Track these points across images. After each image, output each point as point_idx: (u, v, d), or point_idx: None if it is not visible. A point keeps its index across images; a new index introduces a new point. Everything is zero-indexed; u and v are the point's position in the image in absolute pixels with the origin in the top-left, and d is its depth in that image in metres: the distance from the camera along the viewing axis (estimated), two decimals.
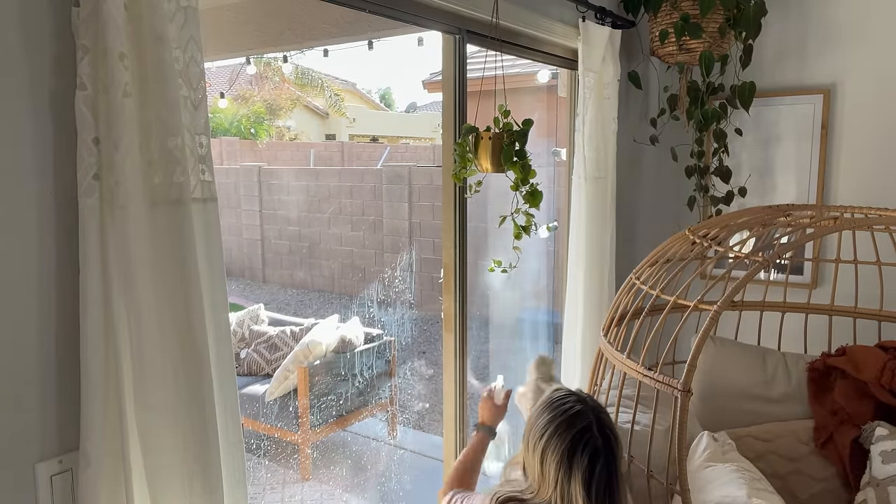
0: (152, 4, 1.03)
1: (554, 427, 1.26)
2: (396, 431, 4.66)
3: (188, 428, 1.11)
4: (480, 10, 1.87)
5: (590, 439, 1.24)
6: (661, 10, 2.46)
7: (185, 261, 1.09)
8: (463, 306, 2.06)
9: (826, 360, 2.02)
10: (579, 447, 1.23)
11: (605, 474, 1.23)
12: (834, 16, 2.56)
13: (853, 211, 1.87)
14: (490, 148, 1.71)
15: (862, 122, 2.55)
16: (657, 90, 2.83)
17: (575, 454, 1.22)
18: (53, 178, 1.05)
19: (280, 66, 11.34)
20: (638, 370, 1.53)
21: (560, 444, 1.24)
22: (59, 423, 1.09)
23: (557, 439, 1.25)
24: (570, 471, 1.22)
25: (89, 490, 1.06)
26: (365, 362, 4.41)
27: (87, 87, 1.02)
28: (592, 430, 1.25)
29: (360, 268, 8.56)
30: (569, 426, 1.25)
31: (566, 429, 1.25)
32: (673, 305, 1.55)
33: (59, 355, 1.08)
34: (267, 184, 9.38)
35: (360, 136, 15.46)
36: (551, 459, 1.24)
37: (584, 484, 1.21)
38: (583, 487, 1.21)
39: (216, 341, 1.17)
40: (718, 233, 1.76)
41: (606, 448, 1.24)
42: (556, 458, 1.23)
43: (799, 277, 2.62)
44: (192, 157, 1.11)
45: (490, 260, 1.94)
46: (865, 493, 1.74)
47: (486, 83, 1.90)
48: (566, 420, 1.26)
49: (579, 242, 2.37)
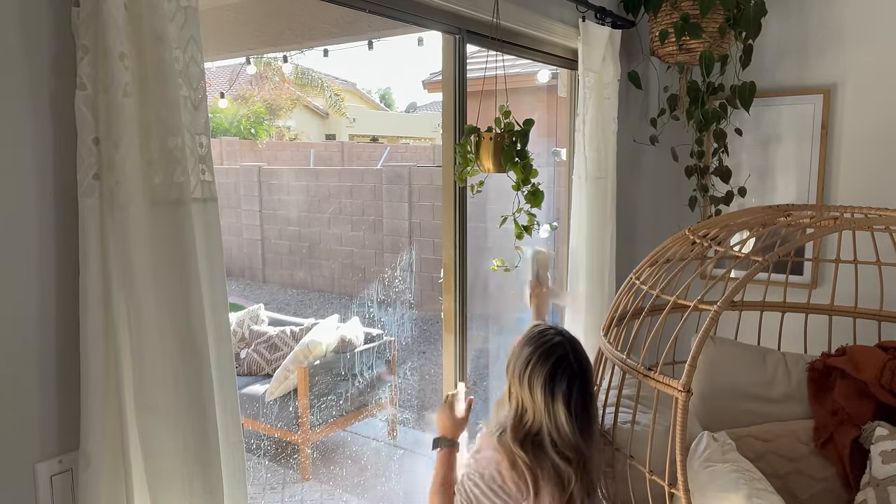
0: (152, 4, 1.03)
1: (536, 357, 1.48)
2: (396, 431, 4.66)
3: (188, 428, 1.11)
4: (480, 10, 1.87)
5: (567, 365, 1.47)
6: (661, 10, 2.46)
7: (185, 261, 1.09)
8: (463, 306, 2.06)
9: (826, 360, 2.02)
10: (558, 373, 1.46)
11: (580, 395, 1.47)
12: (834, 16, 2.56)
13: (853, 211, 1.87)
14: (491, 148, 1.71)
15: (862, 122, 2.55)
16: (657, 90, 2.83)
17: (556, 379, 1.46)
18: (53, 178, 1.04)
19: (280, 66, 11.35)
20: (638, 370, 1.53)
21: (543, 371, 1.47)
22: (59, 423, 1.09)
23: (540, 367, 1.47)
24: (553, 393, 1.45)
25: (89, 490, 1.06)
26: (365, 362, 4.41)
27: (87, 87, 1.02)
28: (569, 358, 1.48)
29: (360, 268, 8.56)
30: (549, 355, 1.48)
31: (546, 358, 1.48)
32: (673, 305, 1.55)
33: (60, 355, 1.08)
34: (267, 184, 9.38)
35: (360, 136, 15.47)
36: (537, 385, 1.46)
37: (566, 403, 1.45)
38: (564, 406, 1.45)
39: (216, 341, 1.17)
40: (718, 233, 1.76)
41: (581, 372, 1.49)
42: (540, 384, 1.46)
43: (799, 277, 2.62)
44: (192, 157, 1.11)
45: (490, 260, 1.94)
46: (865, 493, 1.74)
47: (487, 83, 1.90)
48: (546, 350, 1.49)
49: (579, 242, 2.37)
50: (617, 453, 1.66)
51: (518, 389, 1.50)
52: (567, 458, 1.45)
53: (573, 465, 1.45)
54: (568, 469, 1.44)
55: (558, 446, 1.45)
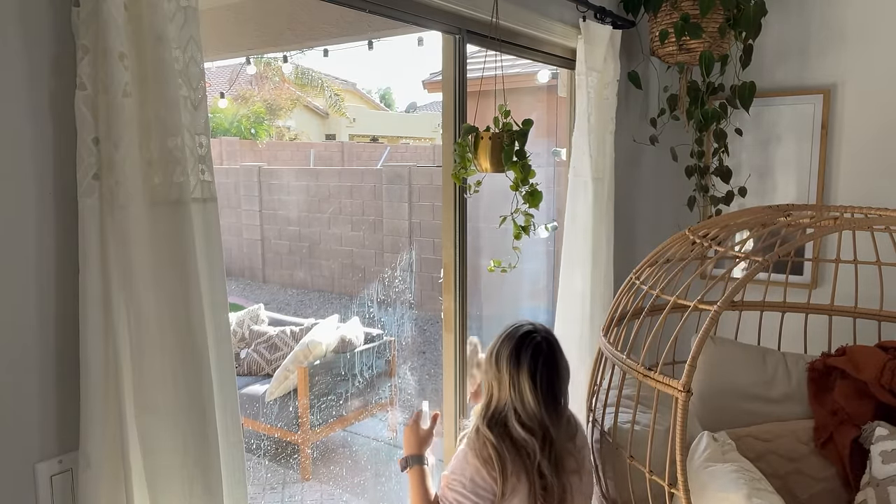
0: (152, 4, 1.03)
1: (506, 337, 1.57)
2: (396, 431, 4.65)
3: (188, 428, 1.11)
4: (480, 10, 1.87)
5: (533, 339, 1.54)
6: (661, 10, 2.46)
7: (185, 261, 1.09)
8: (463, 306, 2.06)
9: (826, 360, 2.02)
10: (524, 344, 1.53)
11: (546, 369, 1.52)
12: (834, 15, 2.56)
13: (853, 211, 1.87)
14: (490, 148, 1.71)
15: (862, 122, 2.55)
16: (657, 90, 2.83)
17: (521, 350, 1.52)
18: (53, 178, 1.04)
19: (280, 66, 11.35)
20: (638, 370, 1.53)
21: (509, 345, 1.54)
22: (58, 423, 1.09)
23: (508, 342, 1.55)
24: (519, 364, 1.51)
25: (89, 490, 1.06)
26: (365, 362, 4.41)
27: (86, 87, 1.02)
28: (536, 335, 1.55)
29: (360, 268, 8.56)
30: (518, 333, 1.56)
31: (515, 335, 1.56)
32: (673, 305, 1.55)
33: (59, 355, 1.08)
34: (267, 184, 9.38)
35: (360, 136, 15.47)
36: (503, 358, 1.53)
37: (530, 374, 1.50)
38: (529, 377, 1.50)
39: (216, 341, 1.17)
40: (718, 233, 1.76)
41: (548, 349, 1.55)
42: (506, 356, 1.53)
43: (799, 277, 2.62)
44: (191, 157, 1.11)
45: (490, 260, 1.94)
46: (865, 493, 1.74)
47: (486, 83, 1.90)
48: (515, 330, 1.57)
49: (578, 242, 2.37)
50: (617, 453, 1.66)
51: (488, 374, 1.57)
52: (530, 429, 1.49)
53: (537, 437, 1.49)
54: (532, 440, 1.48)
55: (521, 418, 1.50)
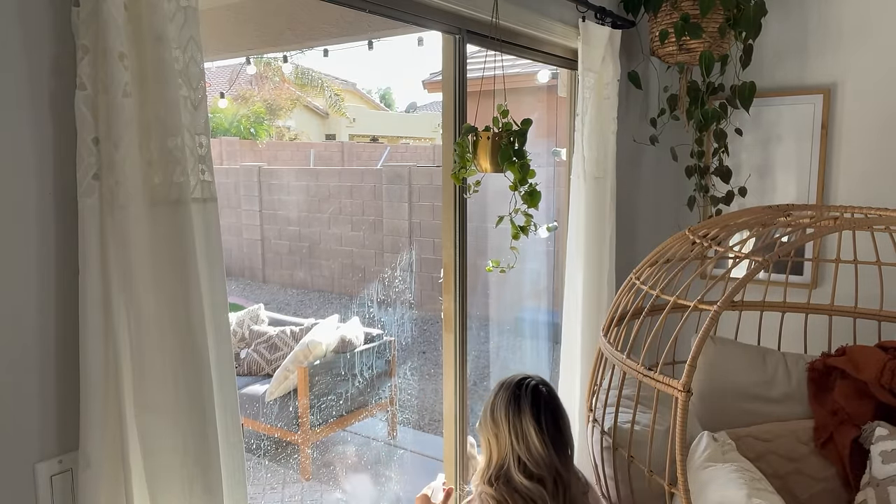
0: (152, 4, 1.03)
1: (501, 389, 1.52)
2: (396, 431, 4.66)
3: (188, 428, 1.11)
4: (480, 10, 1.87)
5: (529, 384, 1.50)
6: (661, 10, 2.46)
7: (184, 261, 1.09)
8: (463, 306, 2.06)
9: (826, 360, 2.02)
10: (522, 390, 1.48)
11: (549, 412, 1.46)
12: (834, 15, 2.56)
13: (853, 211, 1.87)
14: (489, 148, 1.71)
15: (862, 122, 2.55)
16: (657, 90, 2.83)
17: (520, 396, 1.47)
18: (53, 178, 1.04)
19: (280, 66, 11.34)
20: (638, 370, 1.53)
21: (506, 395, 1.48)
22: (58, 423, 1.08)
23: (504, 393, 1.50)
24: (520, 409, 1.45)
25: (89, 490, 1.05)
26: (365, 362, 4.41)
27: (86, 87, 1.01)
28: (531, 380, 1.51)
29: (360, 268, 8.56)
30: (511, 383, 1.52)
31: (509, 386, 1.51)
32: (673, 305, 1.55)
33: (59, 355, 1.08)
34: (267, 184, 9.38)
35: (360, 136, 15.46)
36: (501, 409, 1.47)
37: (534, 417, 1.44)
38: (533, 420, 1.44)
39: (216, 342, 1.17)
40: (718, 233, 1.76)
41: (547, 392, 1.50)
42: (504, 404, 1.47)
43: (799, 277, 2.62)
44: (191, 157, 1.11)
45: (489, 260, 1.94)
46: (865, 493, 1.74)
47: (486, 83, 1.90)
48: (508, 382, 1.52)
49: (579, 242, 2.37)
50: (617, 453, 1.66)
51: (486, 431, 1.50)
52: (538, 478, 1.42)
53: (546, 484, 1.41)
54: (539, 489, 1.41)
55: (528, 467, 1.42)
